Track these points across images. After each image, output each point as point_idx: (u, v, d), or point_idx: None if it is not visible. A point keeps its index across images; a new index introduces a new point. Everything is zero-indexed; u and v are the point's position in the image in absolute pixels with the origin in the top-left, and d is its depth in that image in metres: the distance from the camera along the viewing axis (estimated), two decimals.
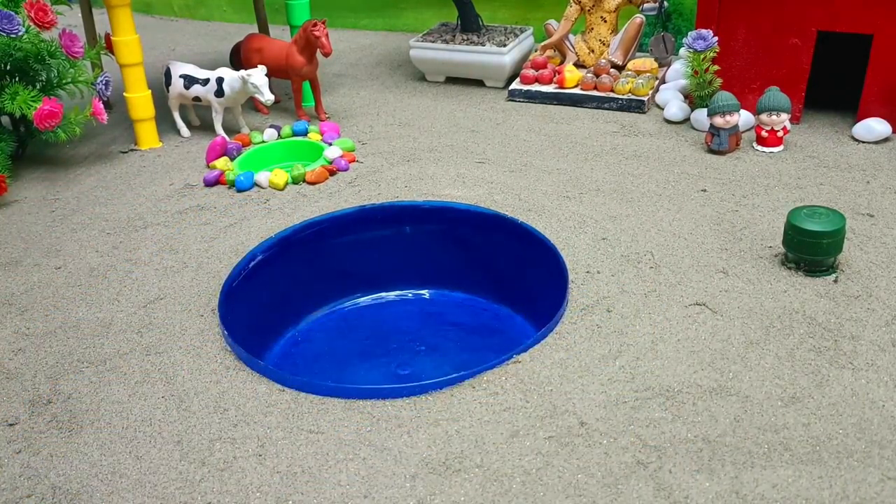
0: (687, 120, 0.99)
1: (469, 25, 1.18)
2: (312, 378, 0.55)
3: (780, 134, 0.88)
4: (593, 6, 1.11)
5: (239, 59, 1.12)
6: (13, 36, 0.88)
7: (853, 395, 0.52)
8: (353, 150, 0.94)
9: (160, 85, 1.03)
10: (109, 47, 1.04)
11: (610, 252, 0.70)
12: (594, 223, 0.75)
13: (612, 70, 1.07)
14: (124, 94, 0.97)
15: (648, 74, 1.06)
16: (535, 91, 1.08)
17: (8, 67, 0.92)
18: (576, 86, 1.08)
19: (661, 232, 0.73)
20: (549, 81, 1.09)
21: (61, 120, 0.90)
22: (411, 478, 0.47)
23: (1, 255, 0.76)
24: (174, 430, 0.52)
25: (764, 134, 0.89)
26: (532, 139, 0.96)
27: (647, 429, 0.50)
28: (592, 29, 1.12)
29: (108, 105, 1.08)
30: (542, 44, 1.16)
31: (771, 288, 0.64)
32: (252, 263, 0.70)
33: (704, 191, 0.81)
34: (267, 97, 0.95)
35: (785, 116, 0.87)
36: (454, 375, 0.55)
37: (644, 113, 1.03)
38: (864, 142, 0.90)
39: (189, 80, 0.98)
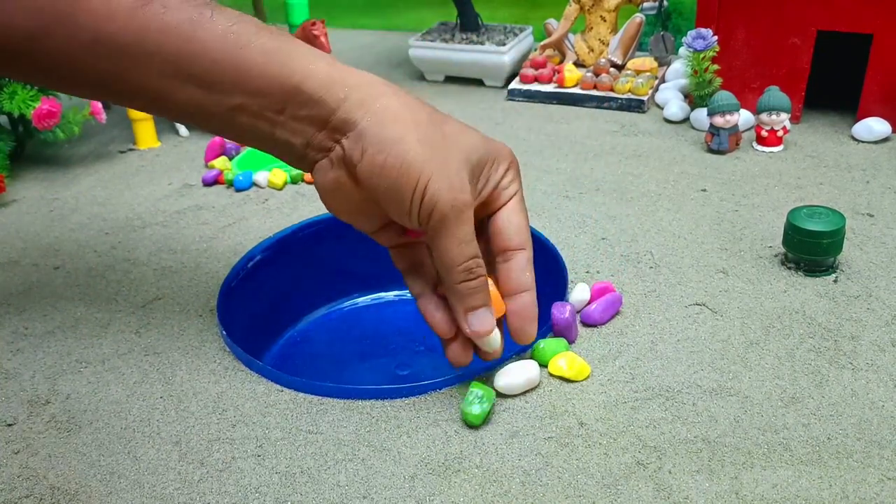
0: (687, 119, 0.99)
1: (468, 24, 1.18)
2: (311, 378, 0.54)
3: (779, 134, 0.88)
4: (593, 5, 1.11)
5: None
6: None
7: (853, 396, 0.52)
8: None
9: None
10: None
11: (609, 252, 0.70)
12: (594, 223, 0.75)
13: (611, 69, 1.07)
14: None
15: (648, 74, 1.06)
16: (535, 90, 1.08)
17: None
18: (575, 85, 1.08)
19: (660, 232, 0.73)
20: (549, 81, 1.09)
21: (60, 119, 0.90)
22: (410, 478, 0.47)
23: None
24: (173, 430, 0.52)
25: (764, 133, 0.89)
26: (531, 138, 0.96)
27: (647, 429, 0.50)
28: (592, 28, 1.12)
29: (106, 104, 1.07)
30: (542, 43, 1.16)
31: (771, 288, 0.64)
32: (251, 263, 0.70)
33: (704, 190, 0.81)
34: None
35: (785, 116, 0.87)
36: (454, 376, 0.55)
37: (644, 112, 1.02)
38: (863, 141, 0.90)
39: None
